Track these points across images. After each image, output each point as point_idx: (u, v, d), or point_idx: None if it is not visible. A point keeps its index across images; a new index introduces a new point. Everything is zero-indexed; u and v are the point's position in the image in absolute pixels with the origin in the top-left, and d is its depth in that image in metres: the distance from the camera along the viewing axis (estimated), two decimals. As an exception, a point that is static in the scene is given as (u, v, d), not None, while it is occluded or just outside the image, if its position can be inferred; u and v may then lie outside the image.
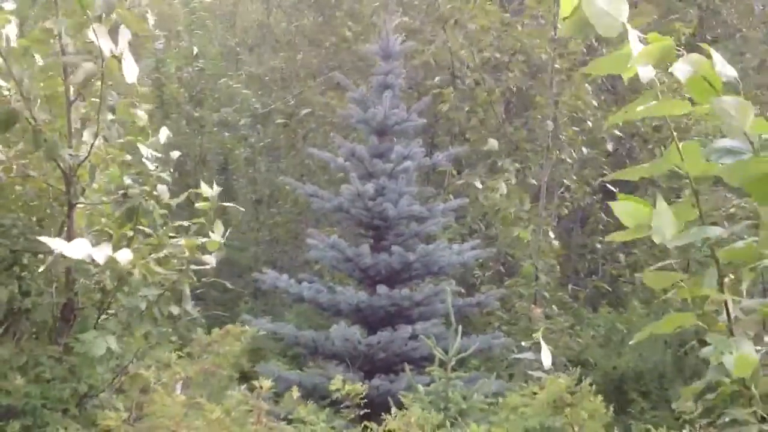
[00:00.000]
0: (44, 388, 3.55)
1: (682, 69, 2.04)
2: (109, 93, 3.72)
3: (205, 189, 3.96)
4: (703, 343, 2.46)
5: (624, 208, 2.32)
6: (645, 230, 2.28)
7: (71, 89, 3.73)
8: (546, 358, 3.83)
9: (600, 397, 3.80)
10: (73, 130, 3.75)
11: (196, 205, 4.00)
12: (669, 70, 2.06)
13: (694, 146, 2.27)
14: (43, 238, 3.42)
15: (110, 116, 3.86)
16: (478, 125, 8.76)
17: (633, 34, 2.06)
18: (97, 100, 3.73)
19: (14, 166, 3.85)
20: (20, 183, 3.92)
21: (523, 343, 6.33)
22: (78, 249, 3.38)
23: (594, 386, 3.89)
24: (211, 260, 3.93)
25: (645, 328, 2.41)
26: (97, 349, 3.57)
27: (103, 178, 4.01)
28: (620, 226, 2.33)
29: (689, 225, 2.29)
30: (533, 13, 7.87)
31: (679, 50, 2.09)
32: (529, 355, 4.01)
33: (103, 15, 3.53)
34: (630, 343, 3.01)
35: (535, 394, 3.77)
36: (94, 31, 3.47)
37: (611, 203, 2.39)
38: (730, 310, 2.36)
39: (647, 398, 7.24)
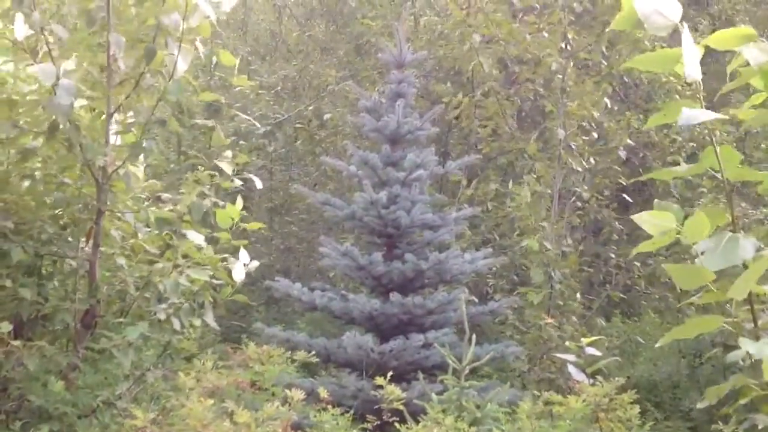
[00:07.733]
0: (76, 394, 3.59)
1: (753, 54, 1.98)
2: (165, 108, 3.77)
3: (229, 207, 4.00)
4: (728, 349, 2.44)
5: (646, 218, 2.31)
6: (671, 236, 2.27)
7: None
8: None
9: (637, 407, 3.78)
10: (109, 139, 3.80)
11: (218, 220, 4.02)
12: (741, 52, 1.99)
13: (731, 151, 2.33)
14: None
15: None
16: (490, 135, 8.76)
17: (687, 34, 2.03)
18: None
19: (51, 173, 3.90)
20: (54, 189, 3.97)
21: (567, 343, 6.28)
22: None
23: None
24: (239, 276, 4.00)
25: (669, 333, 2.39)
26: (132, 334, 3.67)
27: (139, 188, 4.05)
28: (638, 237, 2.34)
29: (719, 230, 2.29)
30: (538, 27, 7.88)
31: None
32: (572, 357, 4.00)
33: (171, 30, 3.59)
34: (656, 345, 3.01)
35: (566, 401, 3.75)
36: (177, 47, 3.57)
37: (633, 216, 2.37)
38: (757, 314, 2.34)
39: (661, 408, 7.20)
